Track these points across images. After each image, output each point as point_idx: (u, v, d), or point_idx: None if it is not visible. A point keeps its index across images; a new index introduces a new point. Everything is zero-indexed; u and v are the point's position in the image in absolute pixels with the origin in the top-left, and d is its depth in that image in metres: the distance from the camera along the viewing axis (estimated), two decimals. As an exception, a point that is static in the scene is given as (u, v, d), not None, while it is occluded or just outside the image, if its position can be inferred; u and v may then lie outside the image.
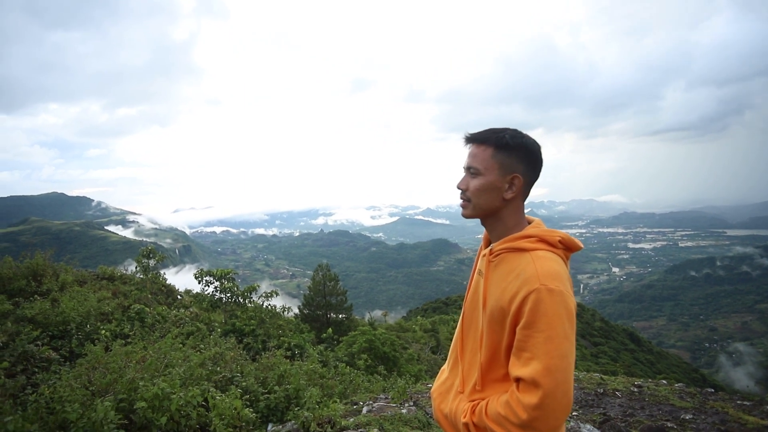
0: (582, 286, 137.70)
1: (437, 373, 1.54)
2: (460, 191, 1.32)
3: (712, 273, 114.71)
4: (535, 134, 1.31)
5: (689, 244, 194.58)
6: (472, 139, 1.29)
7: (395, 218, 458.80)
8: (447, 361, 1.47)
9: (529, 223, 1.30)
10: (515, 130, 1.26)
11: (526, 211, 1.32)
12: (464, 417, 1.23)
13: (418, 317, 35.67)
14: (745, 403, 4.54)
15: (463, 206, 1.32)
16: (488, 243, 1.37)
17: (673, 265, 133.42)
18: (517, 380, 1.13)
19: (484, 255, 1.30)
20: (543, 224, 1.29)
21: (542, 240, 1.21)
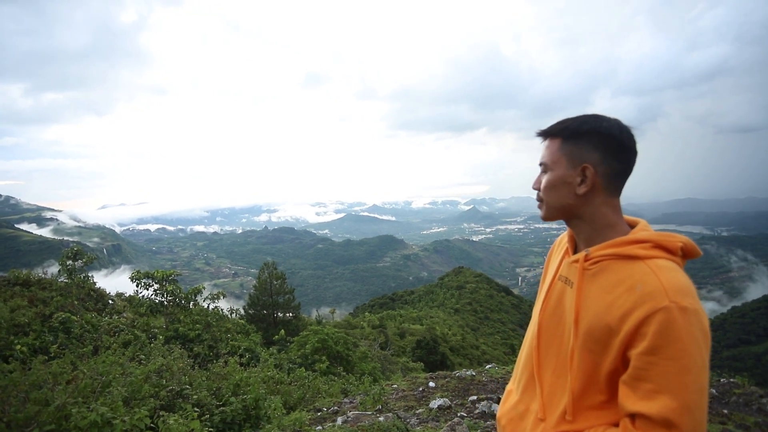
0: (520, 278, 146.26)
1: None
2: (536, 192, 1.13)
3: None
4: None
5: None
6: (543, 133, 1.10)
7: (341, 215, 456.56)
8: (514, 381, 1.23)
9: (632, 226, 1.07)
10: (591, 115, 1.05)
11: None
12: None
13: (366, 313, 35.69)
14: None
15: (539, 207, 1.12)
16: (574, 246, 1.14)
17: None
18: (635, 416, 0.92)
19: (575, 261, 1.07)
20: (650, 227, 1.05)
21: (659, 246, 0.98)
